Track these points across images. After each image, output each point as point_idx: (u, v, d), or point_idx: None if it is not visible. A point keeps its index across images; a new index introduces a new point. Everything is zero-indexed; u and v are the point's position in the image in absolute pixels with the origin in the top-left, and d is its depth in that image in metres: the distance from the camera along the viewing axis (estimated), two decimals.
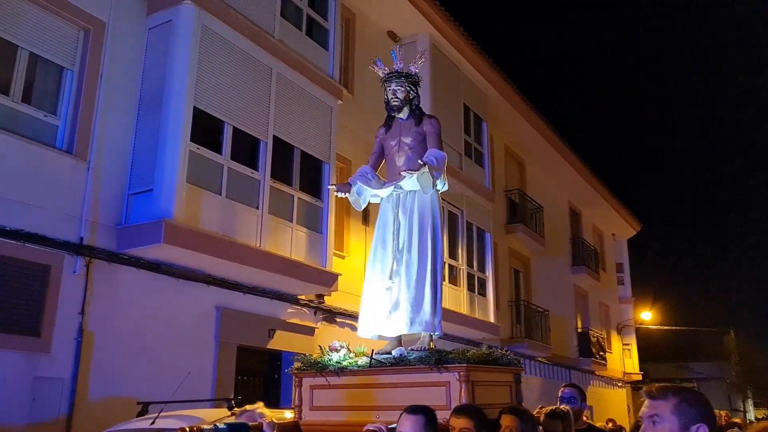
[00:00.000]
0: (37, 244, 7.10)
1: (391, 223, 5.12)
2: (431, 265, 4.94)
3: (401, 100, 5.30)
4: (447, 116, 14.07)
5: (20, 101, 7.42)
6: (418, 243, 4.98)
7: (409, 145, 5.19)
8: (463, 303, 13.88)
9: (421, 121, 5.28)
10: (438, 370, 4.31)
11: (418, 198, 5.08)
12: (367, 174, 5.28)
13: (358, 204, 5.34)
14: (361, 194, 5.28)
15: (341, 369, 4.66)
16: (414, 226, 5.03)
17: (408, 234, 5.03)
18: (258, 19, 9.38)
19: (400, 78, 5.32)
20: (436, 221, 5.08)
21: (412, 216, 5.06)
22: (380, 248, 5.12)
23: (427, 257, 4.94)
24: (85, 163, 7.74)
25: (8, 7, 7.31)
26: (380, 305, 4.98)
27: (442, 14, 13.73)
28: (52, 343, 7.13)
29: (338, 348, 4.78)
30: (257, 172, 9.15)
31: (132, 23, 8.49)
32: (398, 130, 5.31)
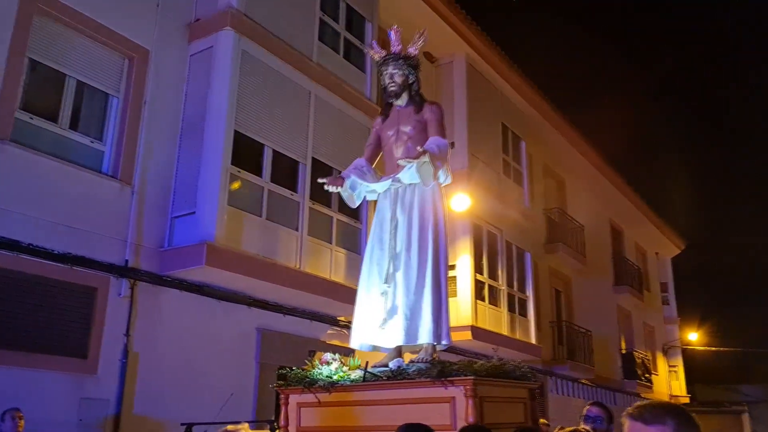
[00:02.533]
0: (84, 267, 7.26)
1: (389, 221, 4.59)
2: (433, 267, 4.39)
3: (399, 85, 4.79)
4: (484, 136, 14.05)
5: (68, 128, 7.65)
6: (418, 242, 4.45)
7: (408, 134, 4.67)
8: (503, 324, 13.71)
9: (421, 107, 4.78)
10: (441, 383, 3.81)
11: (418, 192, 4.57)
12: (362, 167, 4.78)
13: (352, 200, 4.85)
14: (356, 189, 4.78)
15: (332, 384, 4.20)
16: (414, 223, 4.50)
17: (407, 232, 4.49)
18: (296, 43, 9.52)
19: (398, 60, 4.82)
20: (439, 217, 4.55)
21: (411, 212, 4.53)
22: (376, 249, 4.58)
23: (427, 258, 4.40)
24: (130, 187, 7.91)
25: (57, 38, 7.57)
26: (374, 313, 4.45)
27: (479, 34, 13.75)
28: (99, 365, 7.25)
29: (330, 360, 4.31)
30: (296, 194, 9.23)
31: (174, 50, 8.70)
32: (396, 118, 4.79)
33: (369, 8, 11.24)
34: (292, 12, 9.58)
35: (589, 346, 18.42)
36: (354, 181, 4.75)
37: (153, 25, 8.46)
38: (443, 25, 12.93)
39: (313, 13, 10.02)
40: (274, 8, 9.26)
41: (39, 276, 6.86)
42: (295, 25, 9.60)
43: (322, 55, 10.04)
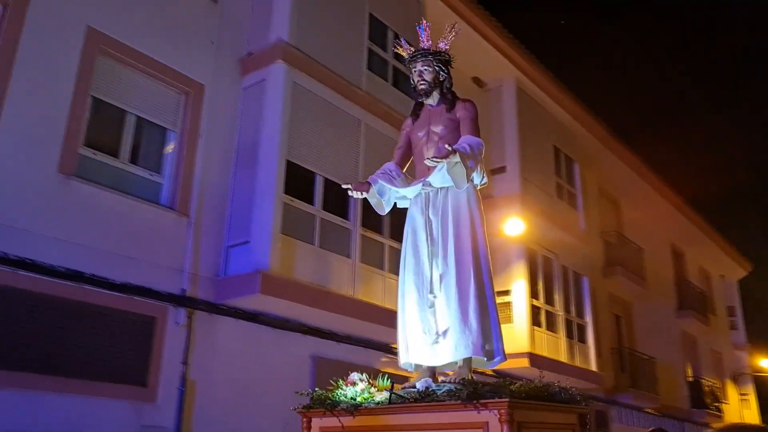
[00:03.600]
0: (144, 296, 7.44)
1: (422, 227, 4.25)
2: (474, 274, 4.03)
3: (429, 83, 4.45)
4: (537, 159, 13.91)
5: (128, 162, 7.93)
6: (455, 249, 4.09)
7: (440, 134, 4.33)
8: (562, 350, 13.38)
9: (453, 106, 4.43)
10: (473, 406, 3.44)
11: (451, 196, 4.22)
12: (390, 171, 4.47)
13: (380, 207, 4.49)
14: (384, 195, 4.44)
15: (355, 406, 3.89)
16: (449, 229, 4.16)
17: (442, 239, 4.16)
18: (346, 73, 9.67)
19: (427, 57, 4.48)
20: (476, 221, 4.19)
21: (445, 217, 4.20)
22: (411, 258, 4.24)
23: (467, 265, 4.05)
24: (187, 218, 8.11)
25: (118, 76, 7.90)
26: (423, 327, 4.08)
27: (528, 57, 13.70)
28: (158, 393, 7.39)
29: (356, 381, 4.01)
30: (348, 221, 9.29)
31: (228, 84, 8.94)
32: (427, 118, 4.47)
33: (416, 36, 11.31)
34: (340, 43, 9.76)
35: (653, 373, 17.77)
36: (382, 186, 4.41)
37: (208, 60, 8.74)
38: (491, 49, 12.94)
39: (362, 43, 10.17)
40: (324, 40, 9.45)
41: (100, 306, 7.07)
42: (344, 56, 9.76)
43: (371, 84, 10.16)
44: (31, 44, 7.04)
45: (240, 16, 9.28)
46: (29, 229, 6.64)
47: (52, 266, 6.73)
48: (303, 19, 9.16)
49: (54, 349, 6.64)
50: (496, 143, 13.56)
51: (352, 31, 10.08)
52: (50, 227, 6.81)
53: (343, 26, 9.90)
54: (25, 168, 6.77)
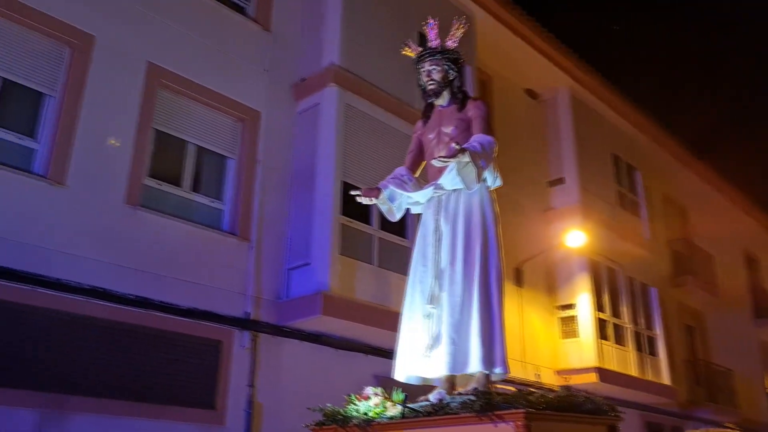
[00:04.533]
0: (209, 321, 7.61)
1: (432, 234, 4.08)
2: (481, 282, 3.84)
3: (438, 83, 4.30)
4: (596, 168, 13.63)
5: (190, 190, 8.17)
6: (464, 255, 3.91)
7: (451, 134, 4.16)
8: (631, 364, 12.97)
9: (464, 105, 4.26)
10: (488, 419, 3.26)
11: (463, 199, 4.04)
12: (402, 176, 4.32)
13: (391, 213, 4.34)
14: (395, 200, 4.30)
15: (367, 422, 3.78)
16: (458, 233, 3.98)
17: (451, 244, 3.98)
18: (397, 92, 9.73)
19: (435, 56, 4.34)
20: (489, 226, 3.99)
21: (456, 221, 4.01)
22: (419, 266, 4.08)
23: (474, 272, 3.86)
24: (248, 243, 8.28)
25: (177, 108, 8.18)
26: (418, 339, 3.93)
27: (581, 66, 13.51)
28: (226, 415, 7.52)
29: (370, 395, 3.90)
30: (406, 239, 9.29)
31: (283, 110, 9.13)
32: (438, 119, 4.32)
33: (466, 51, 11.26)
34: (391, 63, 9.80)
35: (732, 386, 17.01)
36: (392, 191, 4.26)
37: (262, 88, 8.95)
38: (543, 60, 12.83)
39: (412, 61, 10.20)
40: (374, 61, 9.55)
41: (168, 331, 7.27)
42: (395, 75, 9.82)
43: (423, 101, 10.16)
44: (97, 82, 7.36)
45: (292, 42, 9.49)
46: (100, 259, 6.90)
47: (122, 294, 6.96)
48: (353, 42, 9.29)
49: (125, 374, 6.85)
50: (553, 154, 13.39)
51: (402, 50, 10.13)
52: (119, 256, 7.06)
53: (392, 46, 9.92)
54: (94, 200, 7.06)
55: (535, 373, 11.50)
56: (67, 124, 7.06)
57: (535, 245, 12.15)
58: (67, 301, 6.58)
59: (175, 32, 8.18)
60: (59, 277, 6.56)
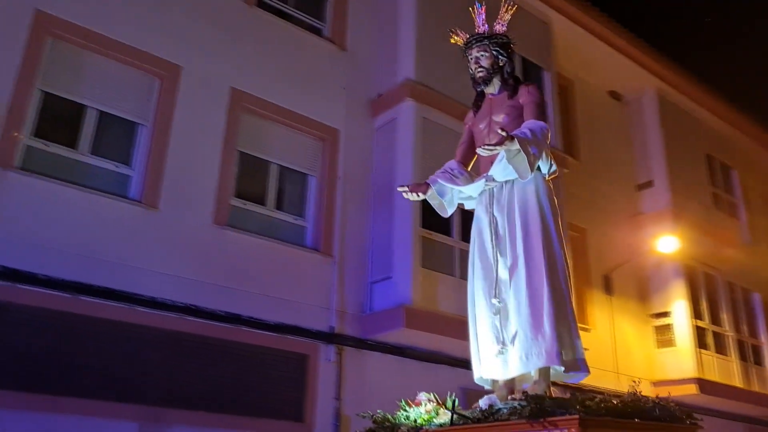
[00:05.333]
0: (296, 335, 7.82)
1: (487, 226, 3.86)
2: (548, 273, 3.59)
3: (486, 69, 4.07)
4: (687, 170, 13.08)
5: (274, 209, 8.45)
6: (524, 247, 3.67)
7: (502, 123, 3.89)
8: (735, 374, 12.28)
9: (516, 91, 4.01)
10: (540, 425, 3.03)
11: (517, 189, 3.81)
12: (453, 170, 4.10)
13: (443, 209, 4.15)
14: (444, 195, 4.09)
15: (416, 429, 3.66)
16: (516, 225, 3.74)
17: (509, 237, 3.75)
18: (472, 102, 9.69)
19: (482, 41, 4.10)
20: (547, 215, 3.75)
21: (512, 213, 3.78)
22: (479, 262, 3.88)
23: (539, 263, 3.63)
24: (331, 258, 8.46)
25: (260, 130, 8.49)
26: (490, 337, 3.70)
27: (667, 64, 13.02)
28: (315, 428, 7.69)
29: (423, 401, 3.76)
30: None
31: (361, 126, 9.30)
32: (489, 108, 4.09)
33: (544, 57, 11.18)
34: (466, 74, 9.73)
35: None
36: (442, 186, 4.06)
37: (340, 106, 9.16)
38: (627, 61, 12.47)
39: None
40: (449, 73, 9.54)
41: (257, 345, 7.53)
42: (470, 86, 9.79)
43: None
44: (184, 109, 7.77)
45: (367, 59, 9.66)
46: (191, 278, 7.24)
47: (213, 311, 7.28)
48: (427, 55, 9.35)
49: (217, 387, 7.14)
50: (640, 157, 12.98)
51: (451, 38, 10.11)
52: (209, 274, 7.38)
53: None
54: (185, 221, 7.43)
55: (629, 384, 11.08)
56: (158, 151, 7.48)
57: (624, 252, 11.77)
58: (162, 318, 6.94)
59: (256, 58, 8.51)
60: (154, 296, 6.93)
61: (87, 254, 6.65)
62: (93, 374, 6.43)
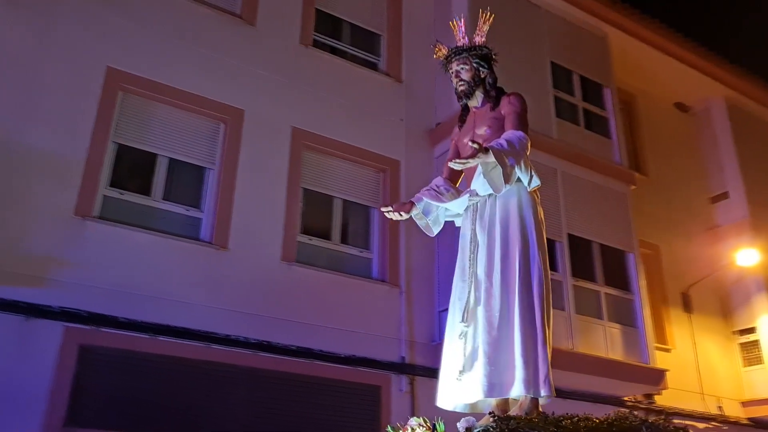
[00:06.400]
0: (368, 367, 7.86)
1: (468, 244, 3.70)
2: (521, 294, 3.41)
3: (467, 82, 3.94)
4: (764, 179, 12.53)
5: (339, 242, 8.57)
6: (501, 265, 3.50)
7: (485, 136, 3.73)
8: None
9: (498, 103, 3.88)
10: None
11: (500, 204, 3.65)
12: (439, 186, 3.94)
13: (428, 228, 4.01)
14: (430, 213, 3.95)
15: None
16: (495, 242, 3.57)
17: (488, 255, 3.57)
18: (535, 124, 9.51)
19: (461, 54, 3.97)
20: (529, 231, 3.58)
21: (492, 229, 3.62)
22: (459, 282, 3.71)
23: (514, 283, 3.44)
24: (398, 289, 8.50)
25: (322, 166, 8.69)
26: (454, 361, 3.52)
27: (735, 72, 12.60)
28: None
29: (414, 426, 3.66)
30: (557, 273, 9.07)
31: (421, 156, 9.37)
32: (472, 121, 3.96)
33: (604, 74, 11.02)
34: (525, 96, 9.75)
35: None
36: (427, 204, 3.92)
37: (399, 137, 9.27)
38: (691, 71, 12.16)
39: (547, 92, 10.11)
40: None
41: (329, 379, 7.60)
42: (530, 109, 9.72)
43: (563, 131, 10.01)
44: (248, 151, 8.05)
45: (424, 90, 9.75)
46: (264, 314, 7.41)
47: (286, 346, 7.42)
48: None
49: (292, 421, 7.23)
50: (713, 168, 12.56)
51: (536, 82, 10.08)
52: (280, 311, 7.54)
53: (525, 80, 9.93)
54: (254, 260, 7.63)
55: (716, 405, 10.62)
56: (226, 193, 7.74)
57: (702, 267, 11.33)
58: (237, 355, 7.12)
59: (314, 96, 8.74)
60: (229, 333, 7.13)
61: (163, 296, 6.91)
62: (172, 412, 6.64)
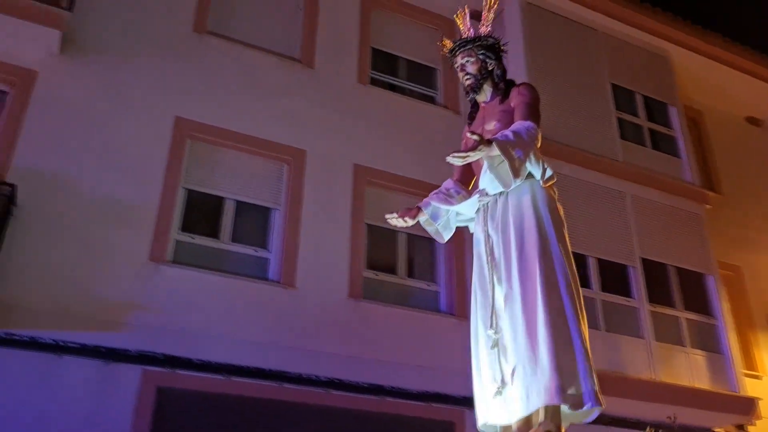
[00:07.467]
0: (440, 402, 7.72)
1: (484, 248, 3.35)
2: (545, 292, 3.02)
3: (474, 75, 3.63)
4: None
5: (406, 276, 8.54)
6: (518, 265, 3.14)
7: (494, 131, 3.40)
8: None
9: (507, 95, 3.59)
10: None
11: (512, 201, 3.31)
12: (448, 189, 3.64)
13: (439, 235, 3.72)
14: (438, 219, 3.65)
15: None
16: (511, 242, 3.21)
17: (504, 256, 3.22)
18: (599, 149, 9.46)
19: (466, 46, 3.66)
20: (547, 225, 3.22)
21: (506, 228, 3.27)
22: (478, 290, 3.34)
23: (534, 282, 3.06)
24: (467, 321, 8.30)
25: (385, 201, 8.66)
26: (488, 375, 3.13)
27: None
28: None
29: None
30: (632, 299, 8.77)
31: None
32: (482, 117, 3.67)
33: (668, 92, 10.75)
34: (587, 121, 9.64)
35: None
36: (436, 209, 3.62)
37: None
38: (760, 83, 11.75)
39: (609, 115, 9.93)
40: (570, 123, 9.43)
41: (402, 415, 7.49)
42: (593, 132, 9.60)
43: (629, 152, 9.78)
44: (312, 189, 8.18)
45: None
46: (333, 352, 7.41)
47: (357, 383, 7.37)
48: (543, 107, 9.21)
49: None
50: None
51: (597, 106, 9.92)
52: (350, 347, 7.52)
53: (586, 105, 9.81)
54: (321, 297, 7.67)
55: None
56: (292, 232, 7.86)
57: None
58: (309, 393, 7.12)
59: (374, 132, 8.84)
60: (300, 372, 7.14)
61: (235, 336, 7.01)
62: None
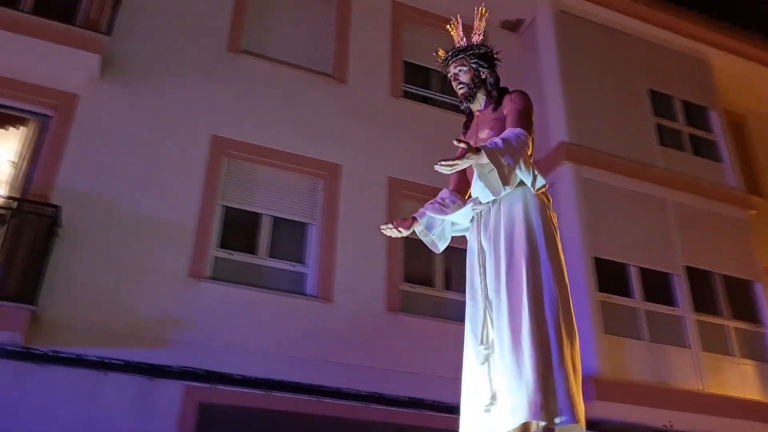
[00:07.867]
0: None
1: (476, 258, 3.28)
2: (531, 309, 2.95)
3: (467, 85, 3.61)
4: None
5: (444, 289, 8.51)
6: (507, 277, 3.06)
7: (487, 139, 3.34)
8: None
9: (500, 103, 3.54)
10: None
11: (504, 209, 3.25)
12: (444, 199, 3.58)
13: (434, 245, 3.63)
14: (433, 228, 3.57)
15: None
16: (501, 252, 3.14)
17: (494, 268, 3.14)
18: (638, 155, 9.32)
19: (458, 56, 3.64)
20: (537, 234, 3.13)
21: (498, 239, 3.19)
22: (469, 301, 3.28)
23: (521, 297, 2.98)
24: None
25: None
26: (477, 389, 3.09)
27: None
28: None
29: None
30: (677, 308, 8.56)
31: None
32: (475, 126, 3.64)
33: (708, 96, 10.54)
34: (625, 127, 9.52)
35: None
36: (431, 219, 3.56)
37: None
38: None
39: (648, 121, 9.79)
40: (606, 129, 9.32)
41: (441, 429, 7.26)
42: (631, 139, 9.46)
43: (668, 159, 9.60)
44: (347, 204, 8.23)
45: None
46: (372, 366, 7.41)
47: (396, 397, 7.35)
48: (580, 116, 9.19)
49: None
50: None
51: (635, 112, 9.78)
52: (388, 361, 7.51)
53: (623, 111, 9.69)
54: (359, 311, 7.68)
55: None
56: (328, 246, 7.90)
57: None
58: (348, 407, 7.12)
59: (408, 145, 8.85)
60: (339, 386, 7.15)
61: (273, 351, 7.07)
62: None
